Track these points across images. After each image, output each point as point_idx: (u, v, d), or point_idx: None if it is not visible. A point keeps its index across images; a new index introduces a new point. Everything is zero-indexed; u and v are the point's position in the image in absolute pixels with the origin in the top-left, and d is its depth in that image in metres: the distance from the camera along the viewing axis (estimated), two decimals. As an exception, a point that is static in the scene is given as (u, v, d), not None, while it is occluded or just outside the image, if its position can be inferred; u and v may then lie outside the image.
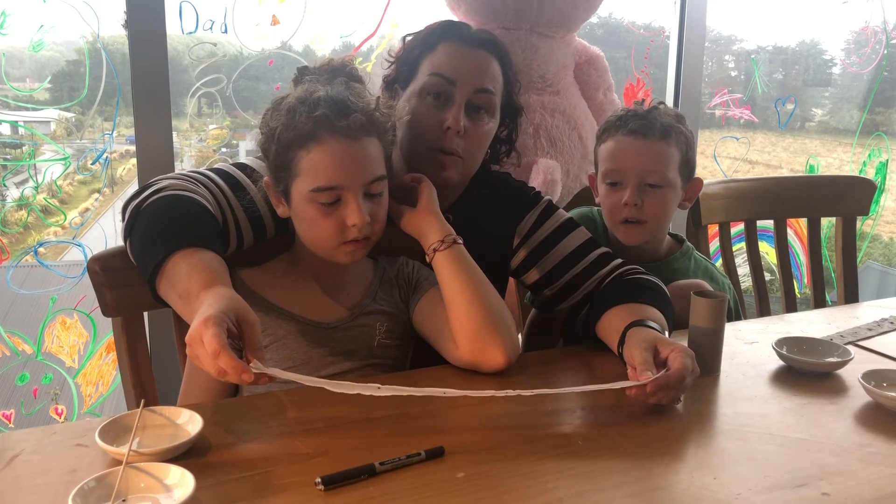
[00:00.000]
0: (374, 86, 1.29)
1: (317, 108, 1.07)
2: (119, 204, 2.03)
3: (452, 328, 1.13)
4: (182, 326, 1.23)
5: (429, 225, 1.16)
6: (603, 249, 1.33)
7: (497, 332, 1.11)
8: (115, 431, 0.89)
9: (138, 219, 1.07)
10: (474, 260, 1.16)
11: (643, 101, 1.50)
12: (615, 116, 1.47)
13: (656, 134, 1.41)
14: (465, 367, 1.12)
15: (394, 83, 1.35)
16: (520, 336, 1.56)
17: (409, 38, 1.36)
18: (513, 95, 1.39)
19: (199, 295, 0.95)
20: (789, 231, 2.04)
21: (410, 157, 1.30)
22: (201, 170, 1.19)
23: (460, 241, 1.16)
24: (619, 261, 1.31)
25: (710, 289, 1.35)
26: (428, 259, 1.17)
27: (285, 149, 1.08)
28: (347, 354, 1.16)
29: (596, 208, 1.56)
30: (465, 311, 1.11)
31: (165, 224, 1.05)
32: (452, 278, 1.13)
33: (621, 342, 1.12)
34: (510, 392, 0.98)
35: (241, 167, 1.21)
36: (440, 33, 1.32)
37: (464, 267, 1.14)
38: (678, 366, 1.01)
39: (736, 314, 1.53)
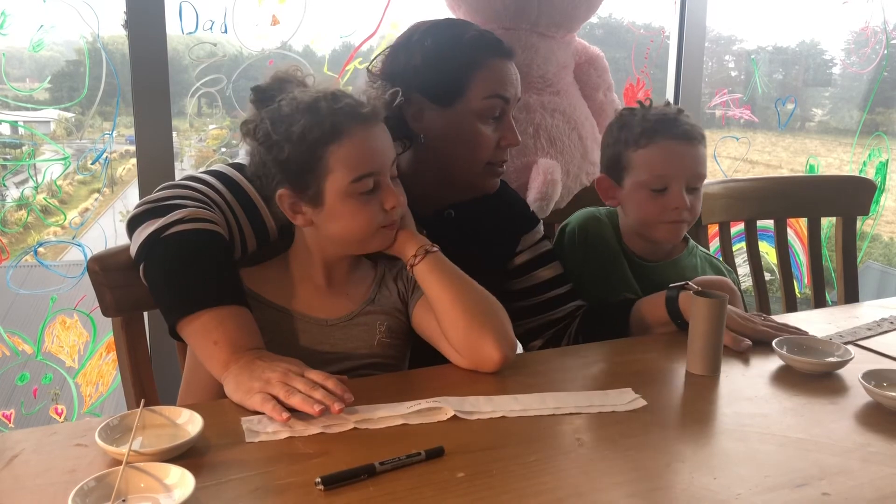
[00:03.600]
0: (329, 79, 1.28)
1: (338, 102, 1.08)
2: (119, 204, 2.03)
3: (444, 334, 1.14)
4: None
5: (404, 242, 1.16)
6: (569, 287, 1.43)
7: (486, 329, 1.11)
8: (114, 431, 0.89)
9: (158, 248, 1.07)
10: (473, 256, 1.17)
11: (651, 101, 1.48)
12: (647, 121, 1.43)
13: (697, 136, 1.43)
14: (466, 367, 1.12)
15: (414, 92, 1.29)
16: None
17: (428, 44, 1.30)
18: None
19: (246, 351, 1.03)
20: (789, 231, 2.03)
21: (463, 172, 1.33)
22: (207, 178, 1.18)
23: (435, 249, 1.16)
24: (579, 302, 1.43)
25: (734, 289, 1.36)
26: (410, 274, 1.18)
27: (312, 148, 1.07)
28: (347, 352, 1.17)
29: (603, 209, 1.55)
30: (451, 314, 1.12)
31: (199, 270, 1.07)
32: (433, 285, 1.14)
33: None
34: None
35: (242, 169, 1.21)
36: (483, 49, 1.30)
37: (442, 273, 1.14)
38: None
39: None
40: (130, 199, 1.99)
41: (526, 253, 1.43)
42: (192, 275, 1.07)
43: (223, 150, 2.09)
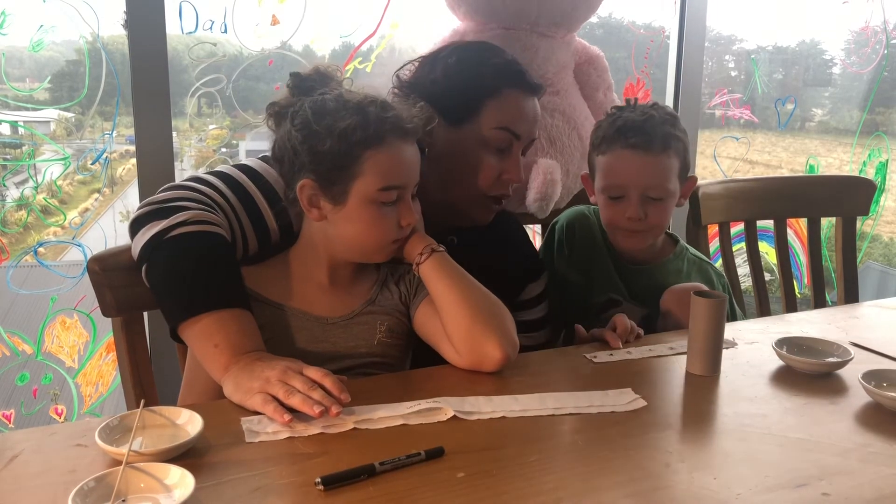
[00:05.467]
0: (377, 88, 1.27)
1: (386, 111, 1.10)
2: (119, 204, 2.03)
3: (447, 333, 1.14)
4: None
5: (411, 244, 1.17)
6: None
7: (489, 328, 1.11)
8: (114, 431, 0.89)
9: (161, 250, 1.07)
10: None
11: (636, 100, 1.46)
12: (612, 126, 1.41)
13: (657, 147, 1.38)
14: (467, 368, 1.12)
15: (428, 102, 1.26)
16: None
17: (452, 62, 1.30)
18: None
19: (246, 354, 1.03)
20: (789, 231, 2.04)
21: (460, 197, 1.31)
22: (211, 179, 1.18)
23: (441, 249, 1.16)
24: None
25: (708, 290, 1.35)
26: (416, 273, 1.18)
27: (351, 147, 1.09)
28: (347, 351, 1.17)
29: (593, 207, 1.55)
30: (455, 312, 1.12)
31: (201, 273, 1.07)
32: (437, 284, 1.14)
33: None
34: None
35: (248, 172, 1.21)
36: (504, 78, 1.29)
37: (447, 272, 1.15)
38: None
39: (731, 314, 1.53)
40: (130, 199, 1.99)
41: (528, 301, 1.43)
42: (194, 277, 1.07)
43: (223, 150, 2.09)
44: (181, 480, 0.79)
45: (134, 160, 1.72)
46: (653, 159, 1.38)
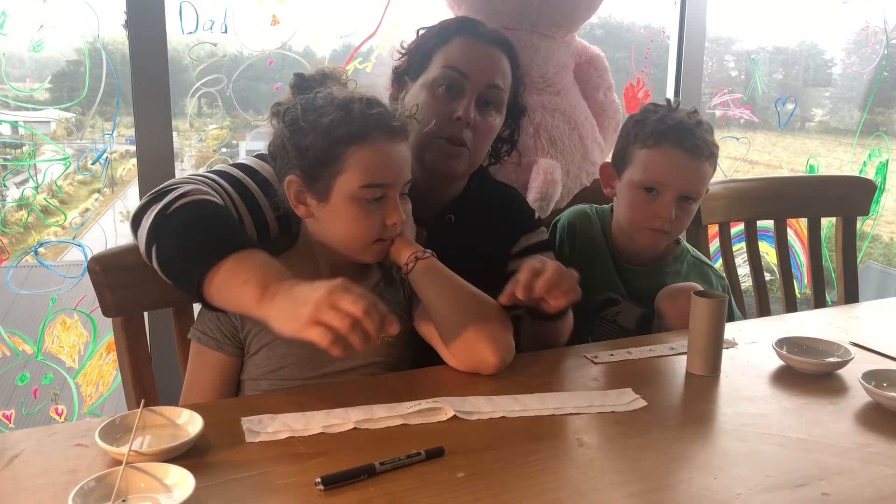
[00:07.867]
0: (376, 87, 1.28)
1: (371, 108, 1.09)
2: (119, 204, 2.03)
3: (442, 339, 1.13)
4: (182, 325, 1.23)
5: (398, 250, 1.16)
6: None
7: (482, 335, 1.10)
8: (115, 431, 0.89)
9: (166, 223, 1.06)
10: (476, 259, 1.17)
11: (678, 102, 1.46)
12: (662, 123, 1.41)
13: (705, 153, 1.41)
14: (465, 371, 1.12)
15: (403, 74, 1.36)
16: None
17: (422, 31, 1.37)
18: (518, 96, 1.40)
19: (278, 283, 1.00)
20: (789, 231, 2.04)
21: (418, 146, 1.27)
22: (208, 174, 1.19)
23: (427, 255, 1.15)
24: None
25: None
26: (406, 280, 1.17)
27: (335, 144, 1.08)
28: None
29: (596, 206, 1.55)
30: (446, 319, 1.12)
31: (209, 229, 1.06)
32: (426, 291, 1.14)
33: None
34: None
35: (244, 169, 1.21)
36: (455, 28, 1.34)
37: (435, 279, 1.14)
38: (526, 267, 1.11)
39: (730, 316, 1.53)
40: (131, 199, 1.99)
41: (524, 251, 1.39)
42: (204, 233, 1.06)
43: (223, 150, 2.09)
44: (181, 480, 0.79)
45: (134, 160, 1.72)
46: (698, 164, 1.41)
